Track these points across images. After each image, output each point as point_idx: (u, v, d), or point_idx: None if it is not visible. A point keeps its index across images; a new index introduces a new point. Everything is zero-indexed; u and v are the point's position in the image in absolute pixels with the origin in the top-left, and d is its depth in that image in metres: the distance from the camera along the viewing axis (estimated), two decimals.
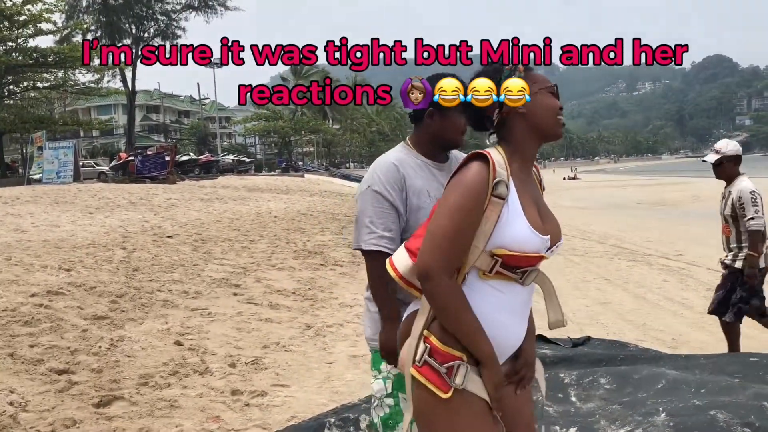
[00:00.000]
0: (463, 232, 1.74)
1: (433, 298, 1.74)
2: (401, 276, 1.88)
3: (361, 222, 2.30)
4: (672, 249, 11.63)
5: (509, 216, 1.77)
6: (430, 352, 1.75)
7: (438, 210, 1.80)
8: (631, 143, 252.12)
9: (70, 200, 15.91)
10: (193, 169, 42.09)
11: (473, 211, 1.74)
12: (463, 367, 1.74)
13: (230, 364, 4.81)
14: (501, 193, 1.75)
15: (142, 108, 79.73)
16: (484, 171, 1.77)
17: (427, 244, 1.75)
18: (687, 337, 5.82)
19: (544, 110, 1.88)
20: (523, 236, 1.78)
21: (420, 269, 1.75)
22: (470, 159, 1.81)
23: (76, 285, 6.45)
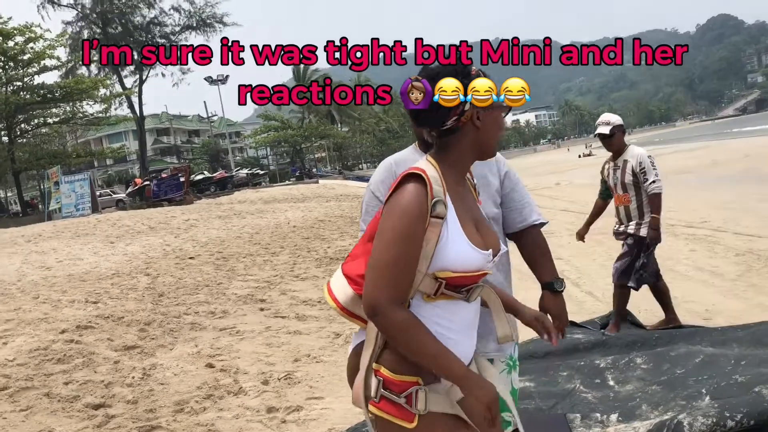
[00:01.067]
0: (407, 260, 1.65)
1: (388, 333, 1.65)
2: (342, 307, 1.78)
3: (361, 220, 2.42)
4: (696, 217, 11.46)
5: (449, 235, 1.70)
6: (384, 384, 1.68)
7: (377, 238, 1.69)
8: (643, 113, 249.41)
9: (90, 232, 16.07)
10: (209, 187, 42.44)
11: (415, 237, 1.65)
12: (421, 391, 1.67)
13: (263, 382, 4.80)
14: (440, 212, 1.67)
15: (152, 132, 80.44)
16: (421, 192, 1.68)
17: (371, 277, 1.65)
18: (721, 307, 5.71)
19: (495, 129, 1.83)
20: (465, 255, 1.70)
21: (368, 305, 1.65)
22: (404, 179, 1.71)
23: (104, 317, 6.50)
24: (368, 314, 1.66)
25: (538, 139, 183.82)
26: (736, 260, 7.52)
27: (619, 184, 5.11)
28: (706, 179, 19.95)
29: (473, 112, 1.77)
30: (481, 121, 1.78)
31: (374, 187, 2.40)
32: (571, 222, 13.08)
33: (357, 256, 1.83)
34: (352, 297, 1.76)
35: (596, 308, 6.16)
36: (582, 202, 17.23)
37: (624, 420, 3.21)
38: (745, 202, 12.87)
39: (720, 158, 28.25)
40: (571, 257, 9.07)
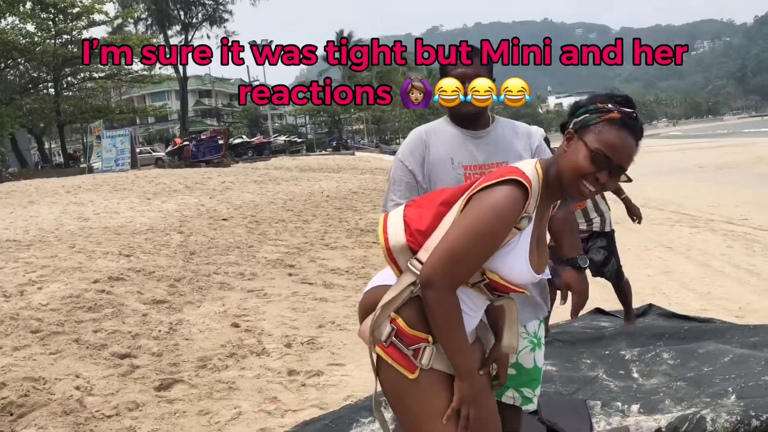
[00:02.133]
0: (478, 257, 1.69)
1: (430, 308, 1.69)
2: (389, 248, 1.80)
3: (387, 188, 2.43)
4: (736, 213, 11.18)
5: (516, 248, 1.72)
6: (396, 333, 1.74)
7: (459, 223, 1.70)
8: (690, 105, 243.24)
9: (128, 187, 16.34)
10: (246, 152, 42.77)
11: (495, 240, 1.68)
12: (429, 348, 1.73)
13: (286, 345, 4.85)
14: (522, 226, 1.70)
15: (194, 93, 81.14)
16: (519, 202, 1.67)
17: (438, 256, 1.68)
18: (754, 306, 5.57)
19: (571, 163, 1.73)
20: (519, 271, 1.75)
21: (425, 278, 1.68)
22: (509, 182, 1.68)
23: (135, 270, 6.62)
24: (423, 284, 1.69)
25: None
26: None
27: None
28: (749, 176, 19.41)
29: (570, 134, 1.75)
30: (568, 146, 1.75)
31: (403, 156, 2.37)
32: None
33: (421, 206, 1.85)
34: (402, 245, 1.79)
35: None
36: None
37: (645, 412, 3.17)
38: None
39: (766, 155, 27.44)
40: None
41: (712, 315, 5.19)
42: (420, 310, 1.74)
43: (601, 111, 1.71)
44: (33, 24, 33.17)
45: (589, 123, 1.71)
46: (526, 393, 2.38)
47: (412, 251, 1.77)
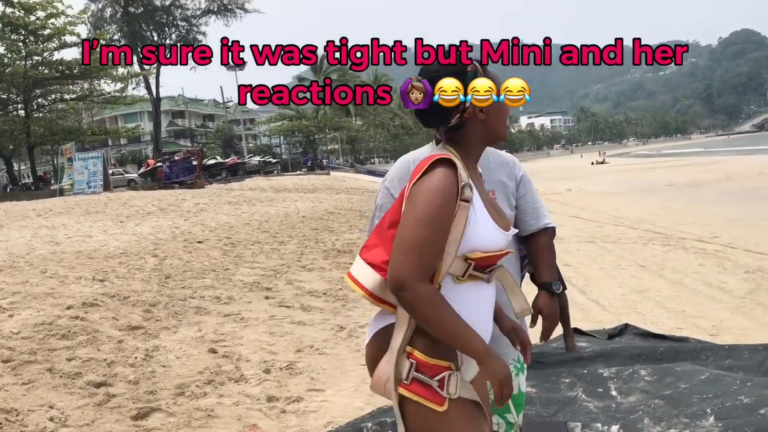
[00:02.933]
0: (436, 240, 1.68)
1: (413, 308, 1.66)
2: (371, 293, 1.77)
3: (371, 215, 2.44)
4: (707, 231, 11.38)
5: (476, 218, 1.74)
6: (416, 367, 1.70)
7: (405, 218, 1.72)
8: (659, 124, 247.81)
9: (101, 210, 16.14)
10: (221, 172, 42.59)
11: (445, 218, 1.69)
12: (453, 376, 1.70)
13: (265, 370, 4.81)
14: (467, 196, 1.71)
15: (167, 114, 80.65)
16: (451, 175, 1.71)
17: (399, 254, 1.67)
18: (728, 324, 5.67)
19: (502, 118, 1.90)
20: (492, 236, 1.77)
21: (394, 281, 1.66)
22: (433, 164, 1.74)
23: (110, 295, 6.51)
24: (394, 289, 1.67)
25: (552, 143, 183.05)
26: (745, 277, 7.46)
27: None
28: (719, 194, 19.80)
29: (475, 108, 1.81)
30: (485, 113, 1.83)
31: (390, 184, 2.38)
32: (580, 229, 13.03)
33: (376, 245, 1.83)
34: (380, 282, 1.76)
35: (603, 317, 6.13)
36: (593, 209, 17.17)
37: None
38: (758, 219, 12.77)
39: (734, 174, 28.04)
40: (579, 264, 9.03)
41: (687, 333, 5.26)
42: (432, 338, 1.70)
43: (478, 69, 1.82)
44: (2, 45, 32.79)
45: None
46: (510, 419, 2.39)
47: None
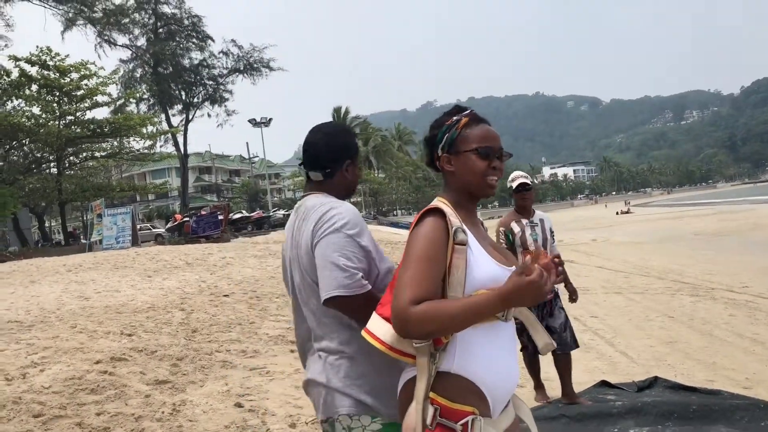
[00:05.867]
0: (428, 277, 1.74)
1: (421, 329, 1.69)
2: (390, 347, 1.82)
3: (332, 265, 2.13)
4: (736, 281, 11.21)
5: (475, 258, 1.82)
6: (440, 413, 1.73)
7: (403, 262, 1.81)
8: (683, 173, 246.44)
9: (129, 265, 16.36)
10: (246, 226, 42.99)
11: (435, 259, 1.76)
12: (477, 420, 1.73)
13: (290, 425, 4.79)
14: (462, 239, 1.79)
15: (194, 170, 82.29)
16: (440, 222, 1.82)
17: (398, 294, 1.73)
18: (762, 376, 5.55)
19: (468, 172, 1.95)
20: (494, 273, 1.81)
21: (394, 319, 1.72)
22: (423, 215, 1.86)
23: (137, 350, 6.58)
24: (398, 329, 1.72)
25: (575, 193, 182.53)
26: None
27: (540, 240, 5.05)
28: (747, 243, 19.51)
29: (445, 158, 1.97)
30: (453, 166, 1.96)
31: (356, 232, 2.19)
32: (606, 279, 12.91)
33: (389, 300, 1.87)
34: (397, 336, 1.80)
35: (631, 369, 6.03)
36: (619, 259, 17.00)
37: None
38: None
39: (762, 222, 27.64)
40: (606, 316, 8.93)
41: (719, 386, 5.15)
42: (454, 383, 1.75)
43: (455, 123, 1.97)
44: (38, 106, 33.95)
45: (454, 137, 1.95)
46: None
47: None
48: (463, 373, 1.77)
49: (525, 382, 5.25)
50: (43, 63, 32.87)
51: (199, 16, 49.53)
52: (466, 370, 1.78)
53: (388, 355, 1.84)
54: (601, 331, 7.85)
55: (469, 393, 1.76)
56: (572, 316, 8.64)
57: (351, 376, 2.15)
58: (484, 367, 1.79)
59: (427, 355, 1.76)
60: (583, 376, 5.51)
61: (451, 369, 1.77)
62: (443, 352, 1.77)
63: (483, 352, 1.79)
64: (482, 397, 1.78)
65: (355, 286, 2.08)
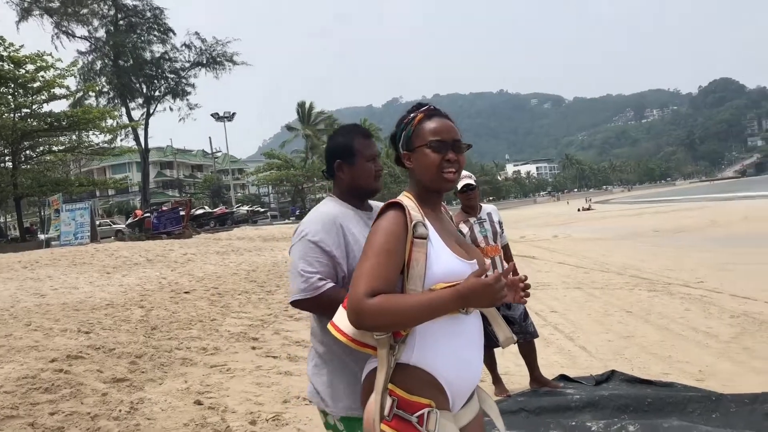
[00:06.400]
0: (385, 269, 1.76)
1: (376, 322, 1.71)
2: (352, 339, 1.84)
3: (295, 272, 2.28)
4: (692, 276, 11.47)
5: (435, 252, 1.84)
6: (398, 404, 1.75)
7: (360, 258, 1.83)
8: (643, 171, 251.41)
9: (87, 261, 16.04)
10: (209, 222, 42.53)
11: (394, 252, 1.78)
12: (433, 413, 1.74)
13: (251, 422, 4.75)
14: (422, 233, 1.82)
15: (155, 165, 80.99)
16: (400, 216, 1.85)
17: (355, 285, 1.75)
18: (714, 368, 5.69)
19: (423, 167, 1.97)
20: (453, 266, 1.84)
21: (350, 312, 1.74)
22: (386, 208, 1.89)
23: (95, 348, 6.46)
24: (352, 321, 1.74)
25: (538, 190, 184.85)
26: (730, 322, 7.51)
27: (490, 235, 5.17)
28: (704, 239, 20.00)
29: (406, 155, 2.01)
30: (412, 162, 2.00)
31: (319, 238, 2.26)
32: (567, 275, 13.09)
33: None
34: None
35: (590, 363, 6.13)
36: (579, 255, 17.26)
37: None
38: (743, 264, 12.90)
39: (719, 219, 28.35)
40: (566, 311, 9.05)
41: (673, 378, 5.27)
42: (413, 375, 1.77)
43: (410, 121, 2.00)
44: None
45: (410, 135, 1.99)
46: None
47: None
48: (422, 366, 1.78)
49: (484, 376, 5.29)
50: None
51: (161, 8, 48.65)
52: (425, 363, 1.79)
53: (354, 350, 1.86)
54: (561, 326, 7.96)
55: (427, 385, 1.77)
56: (533, 311, 8.76)
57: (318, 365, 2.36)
58: (444, 360, 1.80)
59: (386, 347, 1.78)
60: (543, 370, 5.57)
61: (409, 361, 1.78)
62: (402, 344, 1.78)
63: (443, 344, 1.80)
64: (441, 389, 1.79)
65: (311, 289, 2.22)
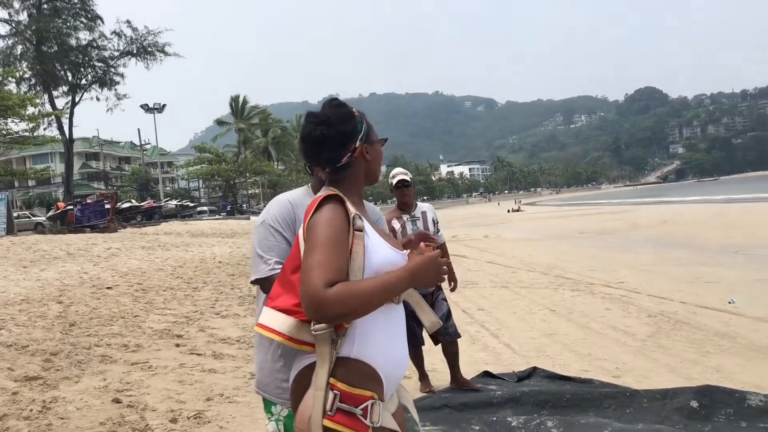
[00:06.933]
0: (334, 259, 1.74)
1: (339, 311, 1.68)
2: (289, 337, 1.81)
3: (255, 255, 2.36)
4: (614, 277, 11.89)
5: (372, 244, 1.85)
6: (340, 398, 1.73)
7: (306, 250, 1.79)
8: (571, 174, 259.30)
9: (2, 254, 15.32)
10: (135, 216, 41.36)
11: (341, 242, 1.77)
12: (376, 405, 1.76)
13: (171, 420, 4.63)
14: (360, 226, 1.83)
15: (80, 155, 78.05)
16: (340, 208, 1.84)
17: (304, 280, 1.71)
18: (630, 365, 5.91)
19: (376, 161, 2.09)
20: (390, 258, 1.87)
21: (307, 305, 1.69)
22: (322, 202, 1.86)
23: (6, 345, 6.17)
24: (312, 314, 1.69)
25: (470, 191, 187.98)
26: (647, 321, 7.82)
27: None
28: (626, 241, 20.77)
29: (363, 148, 2.01)
30: (370, 154, 2.04)
31: (273, 221, 2.35)
32: (495, 274, 13.36)
33: (280, 293, 1.87)
34: (296, 324, 1.80)
35: (513, 360, 6.26)
36: (508, 255, 17.65)
37: None
38: (661, 265, 13.47)
39: (641, 222, 29.52)
40: (492, 308, 9.22)
41: (592, 375, 5.45)
42: (354, 368, 1.76)
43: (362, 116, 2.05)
44: None
45: (368, 131, 2.04)
46: None
47: (306, 322, 1.78)
48: (362, 358, 1.79)
49: (410, 372, 5.33)
50: None
51: None
52: (366, 355, 1.79)
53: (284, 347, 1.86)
54: (487, 324, 8.10)
55: (367, 378, 1.77)
56: (461, 308, 8.90)
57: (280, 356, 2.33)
58: (382, 351, 1.82)
59: (328, 342, 1.76)
60: (467, 367, 5.66)
61: (350, 354, 1.78)
62: (343, 337, 1.78)
63: (380, 336, 1.82)
64: (379, 381, 1.81)
65: (267, 270, 2.27)
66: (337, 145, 1.96)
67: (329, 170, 2.00)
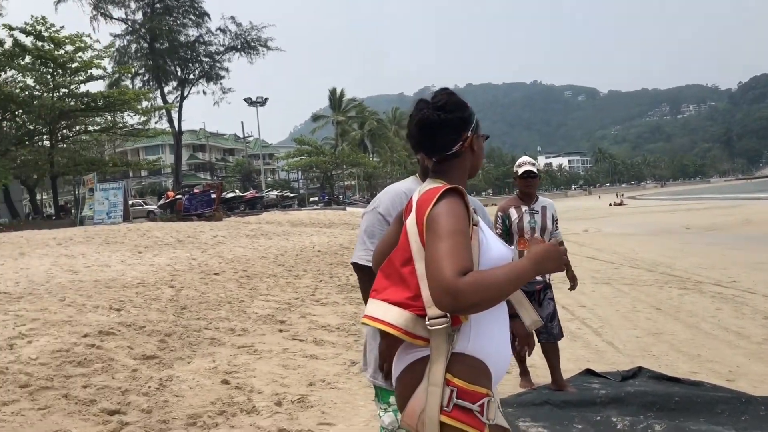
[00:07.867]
0: (466, 249, 1.69)
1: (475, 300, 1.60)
2: (406, 331, 1.76)
3: (360, 239, 2.39)
4: (725, 275, 11.27)
5: (486, 239, 1.84)
6: (457, 394, 1.71)
7: (431, 242, 1.73)
8: (677, 167, 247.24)
9: (120, 240, 16.32)
10: (239, 206, 42.91)
11: (466, 232, 1.73)
12: (492, 402, 1.74)
13: (276, 403, 4.82)
14: (476, 220, 1.82)
15: (188, 147, 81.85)
16: (461, 200, 1.80)
17: (435, 270, 1.64)
18: (745, 369, 5.60)
19: (480, 155, 2.07)
20: (503, 254, 1.85)
21: (442, 295, 1.61)
22: (444, 194, 1.80)
23: (126, 324, 6.59)
24: (447, 304, 1.62)
25: (569, 184, 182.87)
26: (763, 323, 7.38)
27: (538, 228, 5.05)
28: (737, 238, 19.62)
29: (473, 138, 1.99)
30: (477, 146, 2.03)
31: (384, 210, 2.35)
32: (596, 270, 12.97)
33: (387, 286, 1.85)
34: (412, 318, 1.76)
35: (616, 359, 6.08)
36: (609, 251, 17.07)
37: None
38: None
39: (753, 218, 27.78)
40: (594, 306, 8.98)
41: (702, 378, 5.20)
42: (470, 364, 1.74)
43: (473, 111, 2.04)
44: (32, 78, 33.61)
45: (478, 123, 2.04)
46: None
47: (421, 316, 1.75)
48: (477, 354, 1.77)
49: (511, 368, 5.28)
50: (38, 33, 32.47)
51: None
52: (480, 351, 1.77)
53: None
54: (588, 321, 7.90)
55: (482, 374, 1.76)
56: (561, 305, 8.70)
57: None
58: (495, 347, 1.81)
59: (444, 336, 1.73)
60: (569, 364, 5.56)
61: (465, 350, 1.76)
62: (458, 332, 1.75)
63: (493, 332, 1.81)
64: (490, 377, 1.79)
65: (365, 259, 2.33)
66: (452, 132, 1.95)
67: (437, 159, 1.97)
